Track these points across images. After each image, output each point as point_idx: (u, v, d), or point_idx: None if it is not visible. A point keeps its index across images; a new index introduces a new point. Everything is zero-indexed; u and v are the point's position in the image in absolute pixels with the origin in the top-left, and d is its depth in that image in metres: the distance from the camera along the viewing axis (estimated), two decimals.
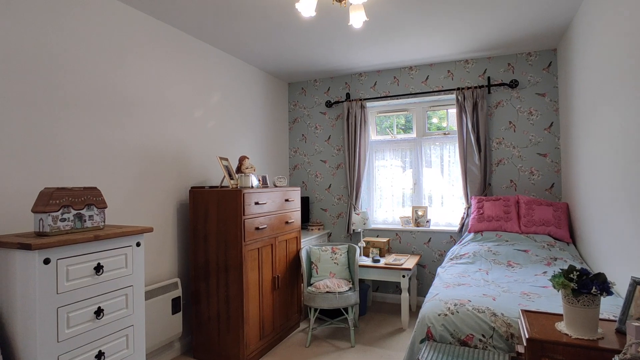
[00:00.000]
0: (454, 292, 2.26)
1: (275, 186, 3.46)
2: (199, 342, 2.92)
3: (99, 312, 1.73)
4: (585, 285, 1.37)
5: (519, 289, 2.29)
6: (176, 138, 3.04)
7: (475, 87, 3.77)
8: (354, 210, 4.22)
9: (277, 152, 4.49)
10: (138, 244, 1.94)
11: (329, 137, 4.55)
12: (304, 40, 3.34)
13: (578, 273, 1.40)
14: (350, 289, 3.24)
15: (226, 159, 3.13)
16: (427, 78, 4.07)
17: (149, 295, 2.65)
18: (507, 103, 3.78)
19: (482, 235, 3.41)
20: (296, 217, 3.51)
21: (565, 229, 3.22)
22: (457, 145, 3.98)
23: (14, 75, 1.99)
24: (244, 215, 2.77)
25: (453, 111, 4.15)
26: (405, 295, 3.42)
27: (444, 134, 4.18)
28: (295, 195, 3.51)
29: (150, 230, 1.98)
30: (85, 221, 1.81)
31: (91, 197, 1.84)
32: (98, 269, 1.73)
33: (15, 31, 1.99)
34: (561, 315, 1.60)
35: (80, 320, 1.66)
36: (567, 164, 3.36)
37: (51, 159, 2.15)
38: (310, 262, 3.50)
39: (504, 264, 2.91)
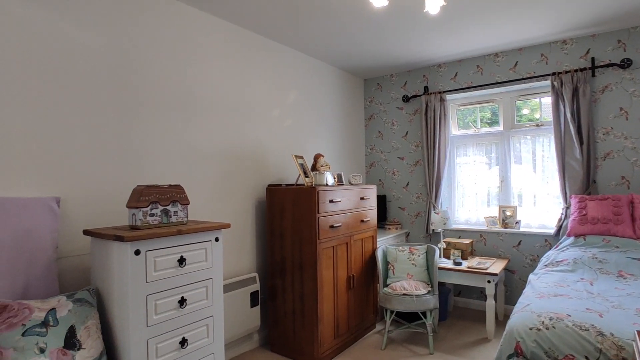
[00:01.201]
0: (550, 304, 1.99)
1: (351, 184, 3.41)
2: (276, 336, 3.00)
3: (182, 302, 1.84)
4: None
5: (633, 305, 1.94)
6: (254, 137, 3.16)
7: (576, 71, 3.31)
8: (434, 210, 4.00)
9: (353, 150, 4.44)
10: (217, 239, 2.03)
11: (406, 133, 4.37)
12: (378, 33, 3.23)
13: None
14: (428, 292, 3.06)
15: (301, 157, 3.17)
16: (515, 64, 3.69)
17: (229, 288, 2.79)
18: (617, 86, 3.26)
19: (584, 239, 2.98)
20: (372, 215, 3.42)
21: None
22: (552, 137, 3.55)
23: (104, 81, 2.22)
24: (318, 213, 2.77)
25: (548, 100, 3.70)
26: (490, 302, 3.13)
27: (537, 125, 3.75)
28: (371, 194, 3.43)
29: (227, 226, 2.06)
30: (170, 216, 1.94)
31: (175, 194, 1.97)
32: (181, 261, 1.85)
33: (104, 40, 2.22)
34: None
35: (166, 308, 1.79)
36: None
37: (140, 159, 2.36)
38: (386, 263, 3.39)
39: (614, 274, 2.50)
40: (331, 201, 2.90)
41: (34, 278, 1.79)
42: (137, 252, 1.68)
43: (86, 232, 1.85)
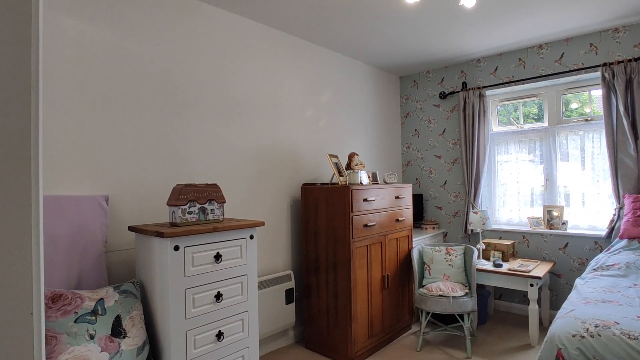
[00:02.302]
0: (596, 310, 1.88)
1: (386, 183, 3.38)
2: (310, 333, 3.04)
3: (218, 297, 1.92)
4: None
5: None
6: (289, 137, 3.21)
7: (629, 60, 3.09)
8: (472, 209, 3.87)
9: (388, 148, 4.40)
10: (251, 237, 2.10)
11: (444, 131, 4.26)
12: (413, 29, 3.18)
13: None
14: (466, 294, 2.98)
15: (335, 156, 3.18)
16: (561, 56, 3.49)
17: (265, 284, 2.86)
18: None
19: (639, 242, 2.78)
20: (407, 214, 3.38)
21: None
22: (603, 133, 3.33)
23: (150, 86, 2.35)
24: (352, 212, 2.78)
25: (598, 92, 3.47)
26: (533, 307, 2.99)
27: (586, 120, 3.53)
28: (407, 192, 3.38)
29: (261, 224, 2.12)
30: (207, 214, 2.03)
31: (212, 193, 2.05)
32: (217, 257, 1.92)
33: (151, 48, 2.35)
34: None
35: (203, 302, 1.87)
36: None
37: (181, 159, 2.48)
38: (422, 263, 3.33)
39: None
40: (365, 200, 2.90)
41: (86, 270, 1.94)
42: (177, 248, 1.77)
43: (131, 228, 1.98)
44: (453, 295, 2.92)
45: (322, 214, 2.94)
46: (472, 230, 3.85)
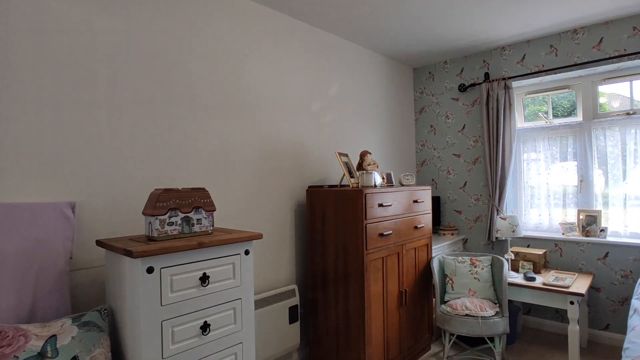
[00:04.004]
0: None
1: (402, 185, 3.00)
2: (317, 356, 2.66)
3: (205, 328, 1.55)
4: None
5: None
6: (292, 134, 2.84)
7: None
8: (498, 214, 3.48)
9: (401, 147, 4.01)
10: (247, 252, 1.72)
11: (463, 127, 3.87)
12: (429, 13, 2.79)
13: None
14: (496, 313, 2.59)
15: (346, 155, 2.81)
16: (600, 41, 3.09)
17: (265, 302, 2.49)
18: None
19: None
20: (426, 221, 2.99)
21: None
22: None
23: (127, 75, 1.98)
24: (365, 219, 2.40)
25: None
26: (574, 327, 2.59)
27: (627, 113, 3.13)
28: (425, 196, 3.00)
29: (259, 236, 1.75)
30: (193, 225, 1.66)
31: (199, 199, 1.68)
32: (204, 279, 1.55)
33: (123, 31, 1.98)
34: None
35: (186, 335, 1.50)
36: None
37: (167, 160, 2.11)
38: (443, 275, 2.95)
39: None
40: (380, 205, 2.52)
41: (43, 294, 1.58)
42: (150, 270, 1.40)
43: (99, 243, 1.61)
44: (482, 315, 2.53)
45: (330, 220, 2.56)
46: (497, 237, 3.46)
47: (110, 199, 1.88)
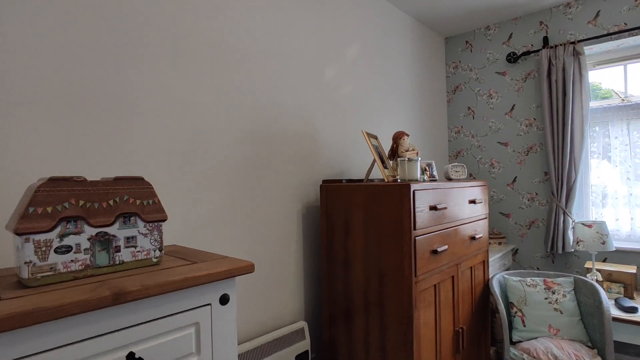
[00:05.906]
0: None
1: (450, 180, 2.19)
2: None
3: None
4: None
5: None
6: (298, 106, 2.01)
7: None
8: (571, 219, 2.67)
9: (431, 133, 3.19)
10: (224, 300, 0.89)
11: (512, 108, 3.06)
12: None
13: None
14: None
15: (375, 137, 1.99)
16: None
17: (262, 352, 1.66)
18: None
19: None
20: (482, 228, 2.18)
21: None
22: None
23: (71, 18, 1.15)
24: (414, 229, 1.58)
25: None
26: None
27: None
28: (482, 195, 2.19)
29: (247, 269, 0.92)
30: (117, 250, 0.83)
31: (132, 200, 0.85)
32: None
33: None
34: None
35: None
36: None
37: (87, 138, 1.28)
38: (508, 304, 2.14)
39: None
40: (433, 208, 1.70)
41: None
42: None
43: None
44: None
45: (357, 230, 1.74)
46: (565, 249, 2.66)
47: None
